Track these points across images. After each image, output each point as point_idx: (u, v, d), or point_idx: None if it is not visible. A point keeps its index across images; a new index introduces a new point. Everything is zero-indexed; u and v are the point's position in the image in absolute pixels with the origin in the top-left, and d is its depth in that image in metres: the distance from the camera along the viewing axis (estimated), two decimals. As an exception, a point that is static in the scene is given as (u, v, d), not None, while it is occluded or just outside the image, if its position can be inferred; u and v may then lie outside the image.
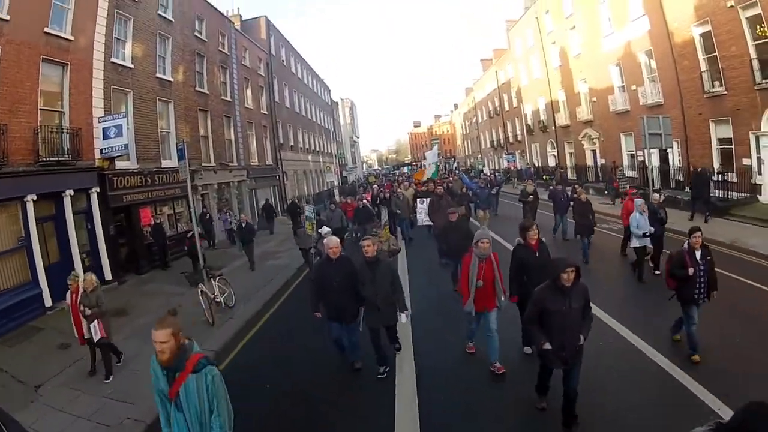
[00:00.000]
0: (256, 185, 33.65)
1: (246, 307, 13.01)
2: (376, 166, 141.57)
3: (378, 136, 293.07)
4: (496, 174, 44.34)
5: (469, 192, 22.02)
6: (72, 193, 15.53)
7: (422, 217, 17.93)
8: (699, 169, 20.07)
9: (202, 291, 12.11)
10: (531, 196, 18.58)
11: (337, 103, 79.40)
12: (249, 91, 33.84)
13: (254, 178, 32.94)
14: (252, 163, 33.04)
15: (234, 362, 9.65)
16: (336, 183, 46.62)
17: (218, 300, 12.77)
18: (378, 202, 24.54)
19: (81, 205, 16.48)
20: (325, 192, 42.23)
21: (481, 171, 54.73)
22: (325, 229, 13.38)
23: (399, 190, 23.73)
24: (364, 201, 22.20)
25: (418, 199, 18.93)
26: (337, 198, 27.84)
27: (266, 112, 37.25)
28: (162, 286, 16.47)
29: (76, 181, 15.87)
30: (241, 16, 38.24)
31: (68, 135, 15.54)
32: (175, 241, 21.22)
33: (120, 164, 18.17)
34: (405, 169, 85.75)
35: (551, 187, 21.21)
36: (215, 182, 26.37)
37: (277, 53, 42.85)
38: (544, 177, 38.56)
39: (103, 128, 16.84)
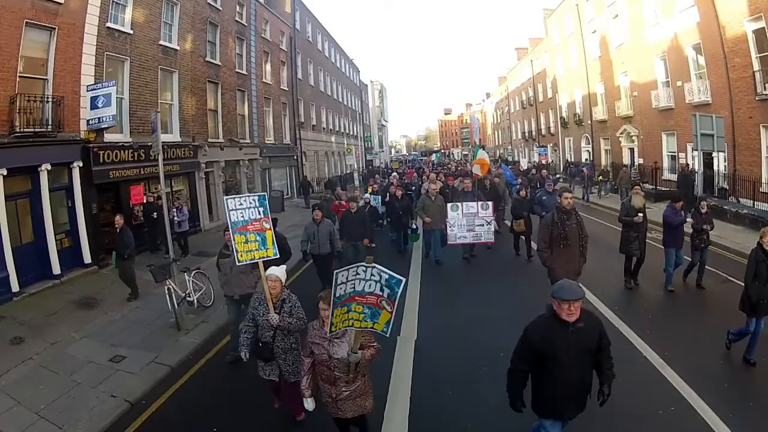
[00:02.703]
0: (270, 165, 32.33)
1: (225, 307, 11.23)
2: (404, 152, 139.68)
3: (407, 121, 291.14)
4: (548, 170, 37.81)
5: (513, 192, 18.17)
6: (49, 168, 14.13)
7: (456, 232, 13.70)
8: (688, 168, 21.19)
9: (169, 288, 10.39)
10: (640, 215, 10.84)
11: (366, 85, 77.81)
12: (268, 66, 32.29)
13: (268, 157, 31.59)
14: (267, 141, 31.71)
15: (188, 386, 7.99)
16: (356, 167, 44.89)
17: (191, 299, 11.21)
18: (386, 198, 18.51)
19: (61, 180, 15.15)
20: (335, 178, 40.38)
21: (520, 166, 48.79)
22: (276, 269, 6.19)
23: (428, 184, 17.43)
24: (368, 198, 17.49)
25: (449, 204, 14.01)
26: (339, 190, 22.10)
27: (286, 88, 35.72)
28: (144, 273, 15.00)
29: (56, 154, 14.50)
30: (265, -12, 36.50)
31: (50, 104, 14.16)
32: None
33: (110, 137, 16.74)
34: (433, 157, 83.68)
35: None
36: (222, 160, 24.88)
37: (303, 28, 41.25)
38: (599, 177, 30.41)
39: (92, 97, 15.39)
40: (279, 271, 6.10)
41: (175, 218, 16.93)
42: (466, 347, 8.52)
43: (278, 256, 6.85)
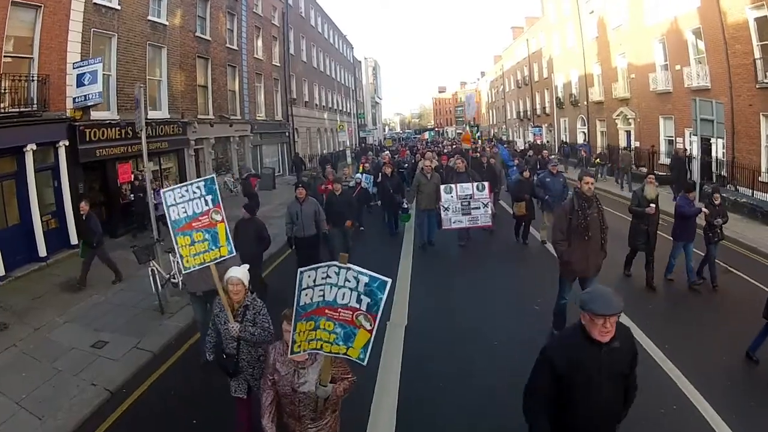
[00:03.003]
0: (262, 141, 31.84)
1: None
2: (398, 129, 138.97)
3: (402, 99, 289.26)
4: (559, 152, 36.71)
5: (510, 173, 18.09)
6: (35, 148, 13.74)
7: (451, 215, 12.88)
8: (684, 152, 21.35)
9: (153, 270, 10.09)
10: (652, 206, 9.88)
11: (360, 61, 76.80)
12: (260, 41, 31.64)
13: (260, 134, 31.11)
14: (258, 118, 31.18)
15: (170, 374, 7.73)
16: (349, 144, 44.42)
17: (175, 280, 10.79)
18: (377, 179, 17.14)
19: (47, 160, 14.76)
20: (330, 155, 39.86)
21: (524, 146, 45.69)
22: (238, 270, 5.20)
23: (426, 162, 15.29)
24: (359, 179, 16.95)
25: (443, 186, 13.06)
26: (329, 169, 18.45)
27: (278, 64, 35.08)
28: (129, 254, 14.69)
29: (42, 134, 14.10)
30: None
31: (35, 83, 13.72)
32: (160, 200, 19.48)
33: (96, 114, 16.27)
34: (426, 135, 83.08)
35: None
36: (212, 136, 24.44)
37: (295, 3, 40.48)
38: (596, 161, 29.04)
39: (78, 75, 14.90)
40: (241, 273, 5.12)
41: (153, 201, 16.07)
42: (460, 336, 8.27)
43: (234, 253, 5.73)
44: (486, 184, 13.10)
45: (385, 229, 16.24)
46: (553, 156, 26.73)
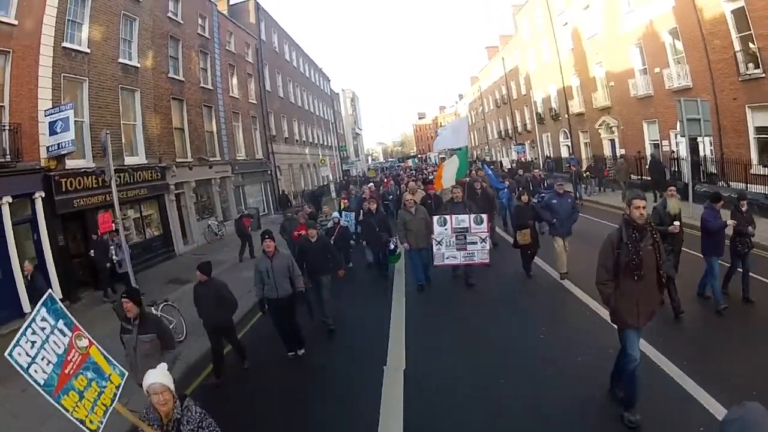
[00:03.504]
0: (244, 181, 31.26)
1: (198, 343, 10.04)
2: (381, 159, 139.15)
3: (383, 128, 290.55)
4: (543, 168, 34.30)
5: (501, 197, 17.46)
6: (11, 201, 13.26)
7: (444, 250, 11.51)
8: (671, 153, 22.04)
9: None
10: (676, 223, 8.59)
11: (337, 94, 76.98)
12: (235, 79, 31.29)
13: (241, 174, 30.49)
14: (238, 157, 30.63)
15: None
16: (332, 178, 43.90)
17: None
18: (360, 217, 15.45)
19: (24, 213, 14.22)
20: (319, 190, 39.27)
21: (508, 164, 44.97)
22: (158, 375, 3.98)
23: (407, 195, 13.77)
24: (337, 218, 14.63)
25: (435, 218, 11.64)
26: (306, 209, 18.21)
27: (255, 102, 34.74)
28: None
29: (17, 185, 13.64)
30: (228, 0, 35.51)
31: (8, 133, 13.30)
32: (140, 249, 18.79)
33: (72, 163, 15.76)
34: (410, 162, 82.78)
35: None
36: (192, 180, 23.81)
37: (269, 39, 40.35)
38: (586, 173, 28.20)
39: (50, 122, 14.41)
40: (161, 375, 3.90)
41: (114, 257, 14.25)
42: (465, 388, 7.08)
43: (125, 373, 4.69)
44: (485, 216, 11.62)
45: (367, 271, 14.88)
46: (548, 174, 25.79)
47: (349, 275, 13.78)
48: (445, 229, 11.39)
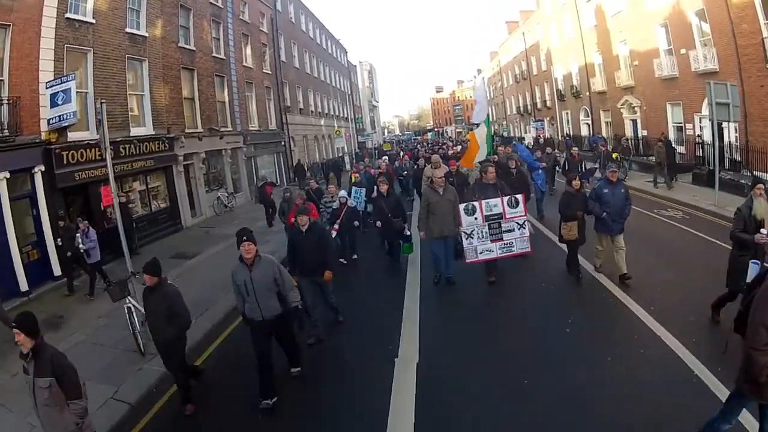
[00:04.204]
0: (256, 152, 30.89)
1: (196, 324, 9.28)
2: (397, 132, 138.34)
3: (399, 101, 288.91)
4: (571, 144, 28.43)
5: (535, 178, 15.27)
6: (8, 176, 12.96)
7: (476, 243, 9.70)
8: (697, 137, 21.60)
9: (129, 308, 8.99)
10: (763, 231, 6.71)
11: (354, 65, 76.03)
12: (248, 49, 30.69)
13: (253, 145, 30.12)
14: (251, 128, 30.21)
15: (152, 426, 6.80)
16: (347, 150, 43.41)
17: None
18: (372, 194, 14.36)
19: (23, 188, 13.95)
20: (340, 159, 38.52)
21: (539, 142, 40.00)
22: None
23: (436, 172, 12.72)
24: (344, 198, 13.14)
25: (462, 206, 9.75)
26: (313, 183, 16.53)
27: (269, 72, 34.16)
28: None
29: (15, 160, 13.31)
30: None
31: (6, 106, 12.97)
32: (146, 222, 18.61)
33: (74, 135, 15.40)
34: (428, 136, 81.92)
35: None
36: (202, 151, 23.50)
37: (284, 9, 39.61)
38: (619, 155, 24.22)
39: (51, 94, 14.03)
40: None
41: (80, 246, 12.40)
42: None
43: None
44: (519, 197, 9.88)
45: (382, 258, 13.31)
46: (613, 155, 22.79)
47: (353, 265, 13.14)
48: (475, 219, 9.64)
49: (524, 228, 9.74)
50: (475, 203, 9.68)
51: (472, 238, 9.68)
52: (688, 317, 7.78)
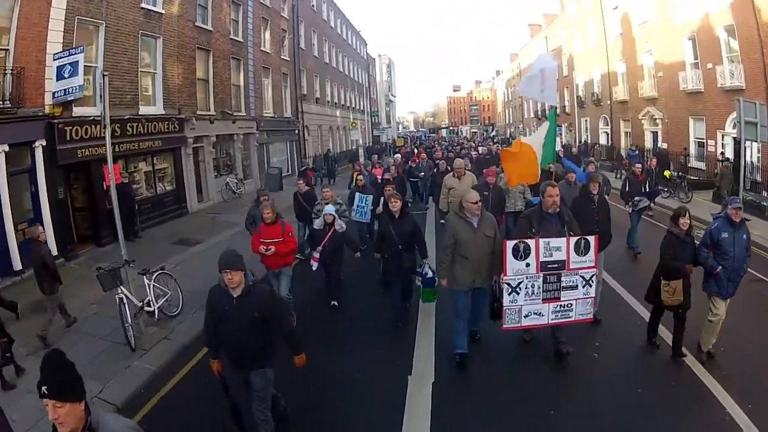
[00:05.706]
0: (269, 139, 30.38)
1: (196, 315, 8.99)
2: (412, 128, 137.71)
3: (416, 97, 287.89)
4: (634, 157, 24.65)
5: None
6: (7, 149, 12.47)
7: (522, 302, 6.50)
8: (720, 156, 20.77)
9: (121, 298, 8.41)
10: None
11: (374, 58, 75.34)
12: (267, 34, 30.20)
13: (266, 131, 29.62)
14: (265, 114, 29.75)
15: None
16: (362, 142, 42.92)
17: (151, 308, 9.04)
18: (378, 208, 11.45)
19: (22, 163, 13.46)
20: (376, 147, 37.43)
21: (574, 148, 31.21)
22: None
23: (456, 183, 11.08)
24: (330, 216, 9.26)
25: (509, 245, 6.37)
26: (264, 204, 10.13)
27: (288, 58, 33.65)
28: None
29: (16, 133, 12.80)
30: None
31: (10, 76, 12.45)
32: (150, 204, 18.25)
33: (80, 111, 14.94)
34: (443, 132, 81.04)
35: None
36: (213, 134, 23.11)
37: (307, -3, 39.10)
38: (666, 173, 20.98)
39: (58, 67, 13.54)
40: None
41: None
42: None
43: None
44: (592, 240, 6.52)
45: (383, 307, 9.12)
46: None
47: (329, 317, 9.44)
48: (527, 266, 6.38)
49: (590, 285, 6.60)
50: (530, 241, 6.38)
51: (518, 293, 6.44)
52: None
